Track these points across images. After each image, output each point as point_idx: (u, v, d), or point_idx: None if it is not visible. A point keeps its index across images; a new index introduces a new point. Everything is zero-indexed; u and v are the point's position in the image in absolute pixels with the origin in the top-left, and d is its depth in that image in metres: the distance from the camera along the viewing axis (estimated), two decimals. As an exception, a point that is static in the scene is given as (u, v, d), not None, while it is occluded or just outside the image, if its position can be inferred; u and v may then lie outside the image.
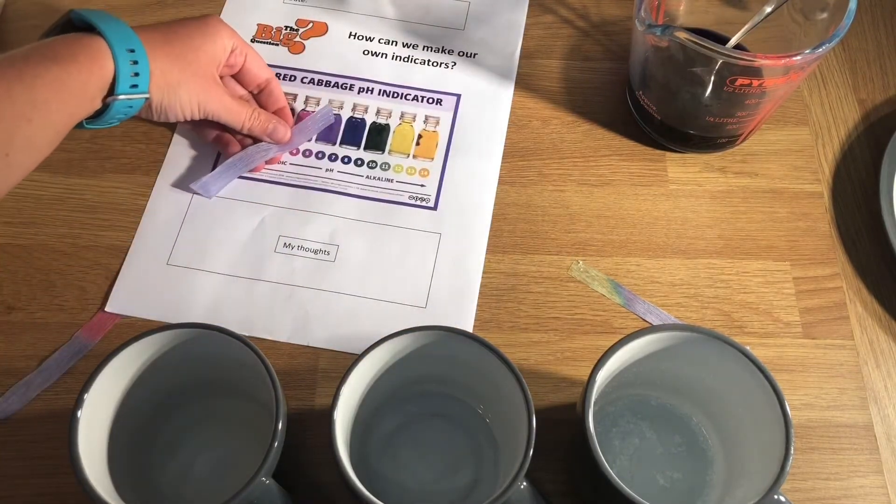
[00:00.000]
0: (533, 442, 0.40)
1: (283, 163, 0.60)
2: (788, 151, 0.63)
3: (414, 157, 0.61)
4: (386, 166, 0.60)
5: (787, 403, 0.41)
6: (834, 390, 0.54)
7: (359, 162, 0.61)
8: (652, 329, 0.44)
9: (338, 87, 0.64)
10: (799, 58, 0.50)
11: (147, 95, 0.50)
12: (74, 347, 0.53)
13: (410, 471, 0.49)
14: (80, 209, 0.59)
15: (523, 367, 0.53)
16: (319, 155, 0.61)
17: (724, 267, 0.58)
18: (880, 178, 0.59)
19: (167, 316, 0.54)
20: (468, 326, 0.55)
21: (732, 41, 0.57)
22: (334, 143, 0.61)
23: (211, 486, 0.48)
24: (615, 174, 0.61)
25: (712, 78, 0.54)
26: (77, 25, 0.49)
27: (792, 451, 0.40)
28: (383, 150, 0.61)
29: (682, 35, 0.50)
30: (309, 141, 0.62)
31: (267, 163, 0.60)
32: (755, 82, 0.53)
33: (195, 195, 0.59)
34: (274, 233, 0.58)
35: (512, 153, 0.62)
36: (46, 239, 0.57)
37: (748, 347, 0.43)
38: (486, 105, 0.64)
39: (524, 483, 0.41)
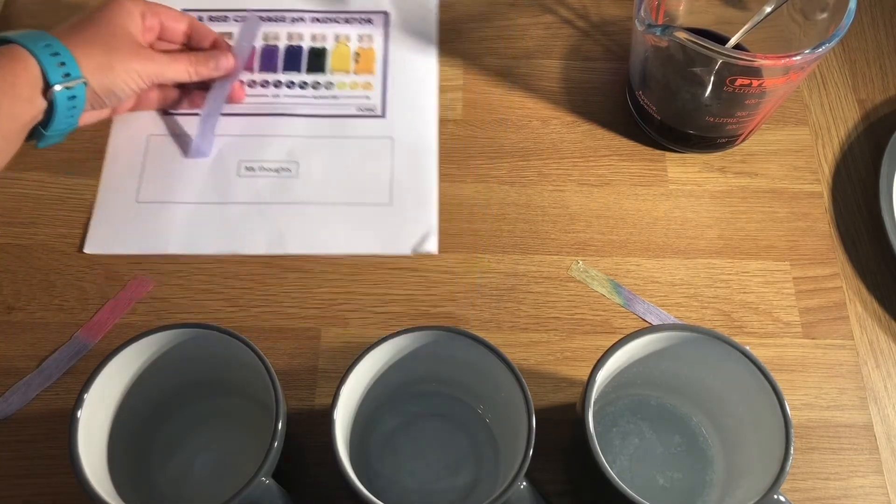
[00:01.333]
0: (533, 442, 0.40)
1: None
2: (788, 151, 0.63)
3: (355, 73, 0.65)
4: (329, 85, 0.64)
5: (786, 403, 0.41)
6: (834, 390, 0.54)
7: (303, 85, 0.64)
8: (652, 329, 0.44)
9: (271, 21, 0.67)
10: (799, 58, 0.50)
11: (84, 80, 0.51)
12: (74, 347, 0.53)
13: (410, 471, 0.49)
14: (80, 209, 0.59)
15: (523, 367, 0.53)
16: (264, 83, 0.64)
17: (724, 267, 0.58)
18: (880, 178, 0.59)
19: (145, 248, 0.57)
20: (433, 217, 0.59)
21: (732, 41, 0.57)
22: (276, 71, 0.65)
23: (211, 486, 0.48)
24: (615, 174, 0.61)
25: (712, 78, 0.54)
26: None
27: (792, 451, 0.40)
28: (324, 71, 0.65)
29: (682, 35, 0.50)
30: (250, 70, 0.64)
31: (233, 99, 0.62)
32: (755, 82, 0.53)
33: (151, 135, 0.61)
34: (233, 159, 0.61)
35: (512, 153, 0.62)
36: (46, 239, 0.57)
37: (748, 347, 0.43)
38: (415, 14, 0.68)
39: (524, 483, 0.41)
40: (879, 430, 0.53)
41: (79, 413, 0.40)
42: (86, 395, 0.41)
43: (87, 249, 0.56)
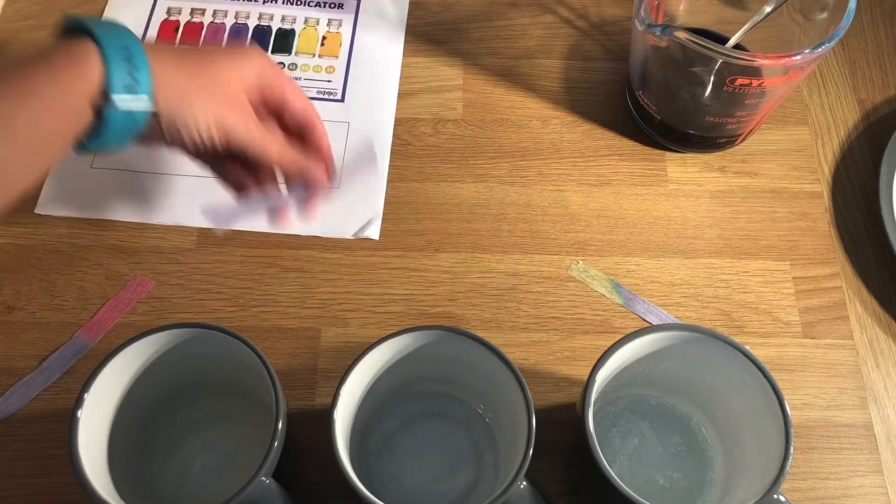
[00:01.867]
0: (533, 442, 0.40)
1: None
2: (788, 151, 0.63)
3: (320, 56, 0.66)
4: (293, 66, 0.65)
5: (786, 403, 0.41)
6: (833, 390, 0.54)
7: None
8: (652, 329, 0.44)
9: (243, 0, 0.68)
10: (799, 58, 0.50)
11: (149, 102, 0.41)
12: (74, 347, 0.53)
13: (410, 471, 0.49)
14: (80, 209, 0.59)
15: (523, 367, 0.53)
16: None
17: (724, 267, 0.58)
18: (880, 178, 0.59)
19: (93, 213, 0.58)
20: (379, 204, 0.59)
21: (732, 41, 0.57)
22: None
23: (211, 486, 0.48)
24: (615, 174, 0.61)
25: (712, 78, 0.54)
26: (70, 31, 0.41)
27: (791, 451, 0.40)
28: (290, 53, 0.66)
29: (682, 35, 0.50)
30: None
31: (280, 219, 0.52)
32: (755, 82, 0.53)
33: None
34: None
35: (512, 153, 0.62)
36: (46, 239, 0.57)
37: (748, 347, 0.43)
38: (387, 2, 0.69)
39: (524, 483, 0.41)
40: (879, 429, 0.53)
41: (79, 413, 0.40)
42: (86, 395, 0.41)
43: (38, 210, 0.58)
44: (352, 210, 0.59)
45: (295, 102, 0.49)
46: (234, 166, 0.50)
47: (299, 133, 0.50)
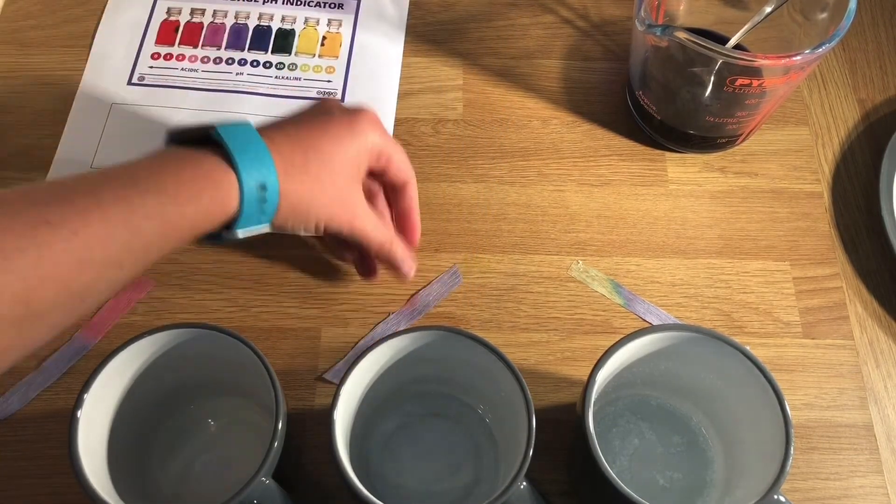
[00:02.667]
0: (533, 442, 0.40)
1: (195, 70, 0.64)
2: (788, 151, 0.63)
3: (320, 56, 0.66)
4: (293, 66, 0.65)
5: (786, 403, 0.41)
6: (834, 390, 0.54)
7: (267, 64, 0.65)
8: (652, 329, 0.44)
9: (243, 0, 0.68)
10: (799, 58, 0.50)
11: (267, 227, 0.45)
12: (74, 347, 0.53)
13: (410, 471, 0.49)
14: (80, 209, 0.58)
15: (523, 367, 0.53)
16: (229, 61, 0.65)
17: (724, 267, 0.58)
18: (880, 178, 0.59)
19: None
20: None
21: (732, 41, 0.57)
22: (243, 50, 0.66)
23: (211, 486, 0.48)
24: (615, 174, 0.61)
25: (712, 78, 0.54)
26: (212, 138, 0.43)
27: (792, 451, 0.40)
28: (290, 53, 0.66)
29: (682, 35, 0.50)
30: (218, 47, 0.65)
31: None
32: (755, 82, 0.53)
33: (113, 104, 0.62)
34: None
35: (512, 153, 0.62)
36: (46, 239, 0.57)
37: (748, 347, 0.43)
38: (387, 3, 0.69)
39: (524, 483, 0.41)
40: (879, 430, 0.53)
41: (79, 413, 0.40)
42: (86, 395, 0.41)
43: None
44: None
45: (398, 172, 0.51)
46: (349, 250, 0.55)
47: (392, 190, 0.53)
